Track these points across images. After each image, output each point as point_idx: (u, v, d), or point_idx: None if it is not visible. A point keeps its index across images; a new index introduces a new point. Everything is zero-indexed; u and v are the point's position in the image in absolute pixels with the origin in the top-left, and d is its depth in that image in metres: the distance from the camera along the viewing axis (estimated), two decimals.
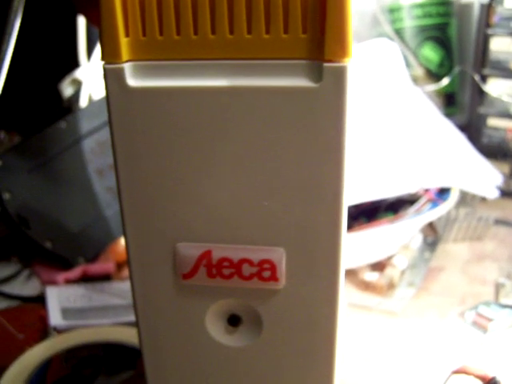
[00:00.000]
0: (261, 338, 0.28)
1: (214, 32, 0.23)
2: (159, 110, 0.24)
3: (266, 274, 0.26)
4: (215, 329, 0.29)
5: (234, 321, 0.29)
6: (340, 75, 0.23)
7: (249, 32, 0.23)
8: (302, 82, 0.23)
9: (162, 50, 0.24)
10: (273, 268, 0.26)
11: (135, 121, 0.25)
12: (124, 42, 0.24)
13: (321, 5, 0.22)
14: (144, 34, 0.24)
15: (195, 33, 0.23)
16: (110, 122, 0.25)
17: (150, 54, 0.24)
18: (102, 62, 0.24)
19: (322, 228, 0.25)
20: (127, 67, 0.24)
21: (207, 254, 0.26)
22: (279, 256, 0.26)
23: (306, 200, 0.25)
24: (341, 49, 0.22)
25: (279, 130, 0.24)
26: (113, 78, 0.24)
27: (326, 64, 0.23)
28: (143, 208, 0.26)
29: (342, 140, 0.24)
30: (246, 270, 0.26)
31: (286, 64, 0.23)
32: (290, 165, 0.25)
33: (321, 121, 0.23)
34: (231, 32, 0.23)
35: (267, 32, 0.23)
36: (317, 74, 0.23)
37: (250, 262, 0.26)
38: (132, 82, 0.24)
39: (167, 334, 0.29)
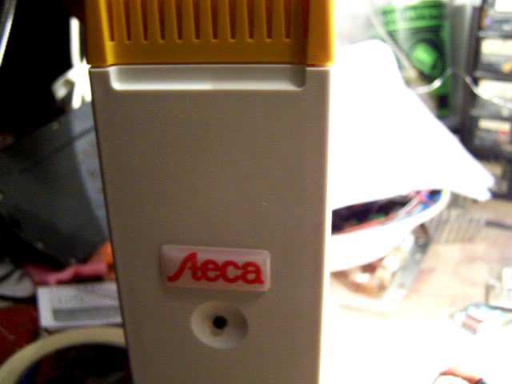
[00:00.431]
0: (246, 339, 0.29)
1: (198, 36, 0.23)
2: (144, 113, 0.24)
3: (251, 276, 0.26)
4: (201, 331, 0.29)
5: (219, 323, 0.29)
6: (323, 79, 0.23)
7: (233, 36, 0.23)
8: (285, 86, 0.23)
9: (146, 54, 0.24)
10: (257, 270, 0.26)
11: (120, 124, 0.25)
12: (109, 45, 0.24)
13: (304, 10, 0.22)
14: (129, 38, 0.24)
15: (179, 37, 0.24)
16: (95, 125, 0.25)
17: (135, 57, 0.24)
18: (88, 66, 0.24)
19: (306, 230, 0.26)
20: (112, 71, 0.24)
21: (192, 257, 0.26)
22: (263, 258, 0.26)
23: (289, 203, 0.25)
24: (324, 53, 0.23)
25: (262, 133, 0.24)
26: (98, 81, 0.24)
27: (308, 68, 0.23)
28: (129, 210, 0.26)
29: (325, 143, 0.24)
30: (231, 272, 0.26)
31: (269, 68, 0.23)
32: (274, 168, 0.25)
33: (304, 124, 0.24)
34: (215, 36, 0.23)
35: (251, 36, 0.23)
36: (300, 78, 0.23)
37: (234, 264, 0.26)
38: (117, 85, 0.24)
39: (153, 336, 0.29)
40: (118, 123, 0.25)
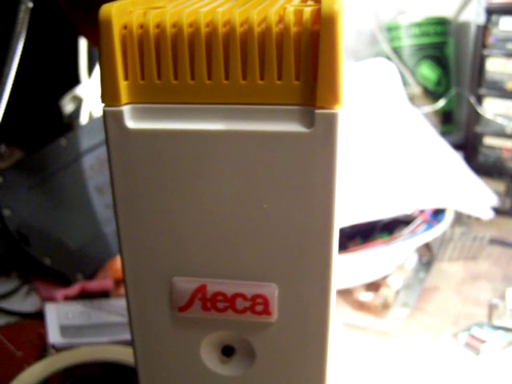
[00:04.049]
0: (254, 367, 0.29)
1: (210, 77, 0.24)
2: (157, 151, 0.25)
3: (259, 308, 0.27)
4: (210, 359, 0.30)
5: (227, 351, 0.30)
6: (331, 121, 0.23)
7: (244, 78, 0.24)
8: (294, 128, 0.24)
9: (159, 94, 0.25)
10: (265, 302, 0.27)
11: (133, 161, 0.25)
12: (123, 85, 0.24)
13: (313, 53, 0.23)
14: (143, 78, 0.24)
15: (192, 78, 0.24)
16: (109, 162, 0.26)
17: (149, 97, 0.25)
18: (102, 105, 0.25)
19: (314, 265, 0.26)
20: (126, 110, 0.25)
21: (202, 289, 0.27)
22: (272, 291, 0.27)
23: (297, 238, 0.26)
24: (332, 96, 0.23)
25: (272, 172, 0.25)
26: (112, 120, 0.25)
27: (317, 110, 0.23)
28: (141, 243, 0.27)
29: (332, 182, 0.24)
30: (240, 304, 0.27)
31: (279, 109, 0.24)
32: (282, 206, 0.25)
33: (312, 164, 0.24)
34: (227, 78, 0.24)
35: (261, 78, 0.24)
36: (309, 120, 0.24)
37: (243, 296, 0.27)
38: (131, 124, 0.25)
39: (163, 363, 0.30)
40: (131, 160, 0.25)
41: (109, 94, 0.24)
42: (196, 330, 0.29)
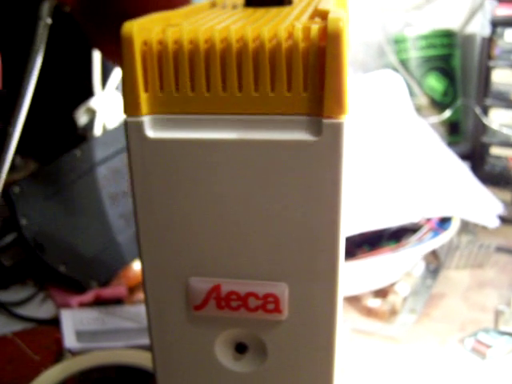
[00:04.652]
0: (265, 364, 0.31)
1: (224, 90, 0.26)
2: (175, 159, 0.27)
3: (270, 306, 0.29)
4: (224, 356, 0.31)
5: (240, 348, 0.31)
6: (338, 130, 0.25)
7: (256, 90, 0.25)
8: (302, 136, 0.26)
9: (177, 105, 0.26)
10: (276, 301, 0.28)
11: (153, 169, 0.27)
12: (144, 97, 0.26)
13: (320, 67, 0.25)
14: (162, 90, 0.26)
15: (208, 90, 0.26)
16: (129, 169, 0.27)
17: (167, 108, 0.26)
18: (124, 115, 0.27)
19: (322, 265, 0.28)
20: (146, 120, 0.26)
21: (217, 288, 0.29)
22: (282, 290, 0.28)
23: (305, 242, 0.27)
24: (338, 106, 0.25)
25: (282, 178, 0.26)
26: (133, 129, 0.26)
27: (325, 120, 0.25)
28: (159, 246, 0.29)
29: (339, 188, 0.26)
30: (252, 302, 0.29)
31: (288, 119, 0.26)
32: (292, 210, 0.27)
33: (320, 171, 0.26)
34: (240, 90, 0.26)
35: (272, 90, 0.25)
36: (316, 129, 0.25)
37: (255, 295, 0.28)
38: (151, 133, 0.27)
39: (180, 360, 0.31)
40: (150, 167, 0.27)
41: (130, 105, 0.26)
42: (211, 327, 0.30)
